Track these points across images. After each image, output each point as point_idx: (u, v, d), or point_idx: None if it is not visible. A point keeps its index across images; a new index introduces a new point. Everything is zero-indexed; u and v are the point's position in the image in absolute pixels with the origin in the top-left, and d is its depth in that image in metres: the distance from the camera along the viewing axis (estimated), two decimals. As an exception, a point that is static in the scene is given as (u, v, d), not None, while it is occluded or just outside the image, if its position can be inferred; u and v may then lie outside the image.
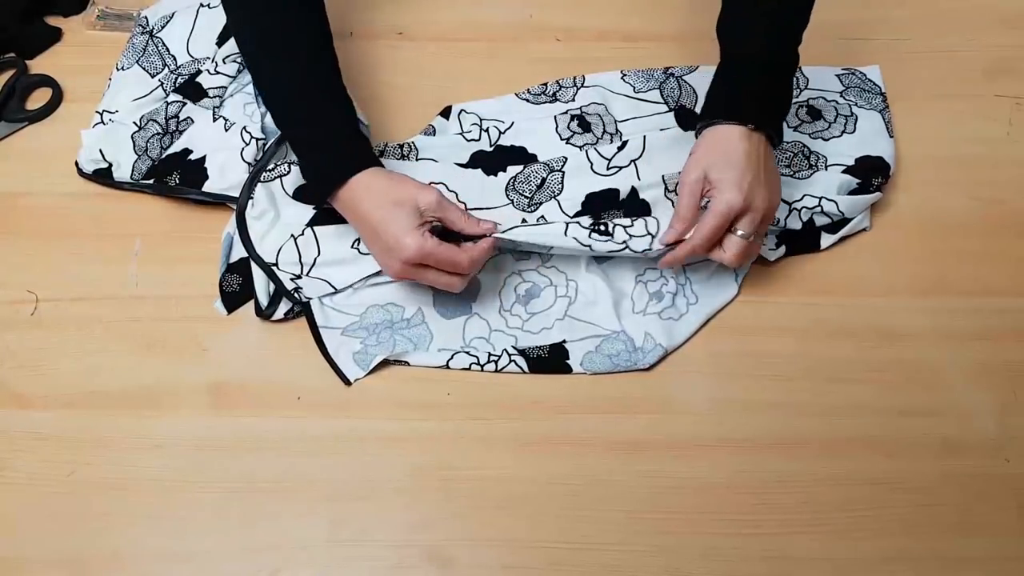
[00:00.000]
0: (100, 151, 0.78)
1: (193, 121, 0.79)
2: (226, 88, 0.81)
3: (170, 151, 0.78)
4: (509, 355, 0.68)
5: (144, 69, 0.83)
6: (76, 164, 0.79)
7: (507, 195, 0.75)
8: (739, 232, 0.64)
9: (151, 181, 0.77)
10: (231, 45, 0.82)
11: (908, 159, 0.79)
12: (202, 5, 0.85)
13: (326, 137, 0.67)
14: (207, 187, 0.75)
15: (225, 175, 0.75)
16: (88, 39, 0.89)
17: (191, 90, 0.80)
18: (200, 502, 0.63)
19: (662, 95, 0.82)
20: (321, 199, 0.69)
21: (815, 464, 0.64)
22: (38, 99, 0.85)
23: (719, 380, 0.68)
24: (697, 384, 0.68)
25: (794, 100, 0.80)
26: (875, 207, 0.76)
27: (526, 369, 0.68)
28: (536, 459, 0.65)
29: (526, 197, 0.74)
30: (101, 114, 0.81)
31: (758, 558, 0.61)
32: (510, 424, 0.66)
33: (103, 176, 0.78)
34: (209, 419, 0.66)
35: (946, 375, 0.68)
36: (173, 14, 0.86)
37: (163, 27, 0.85)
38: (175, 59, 0.83)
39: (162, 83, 0.82)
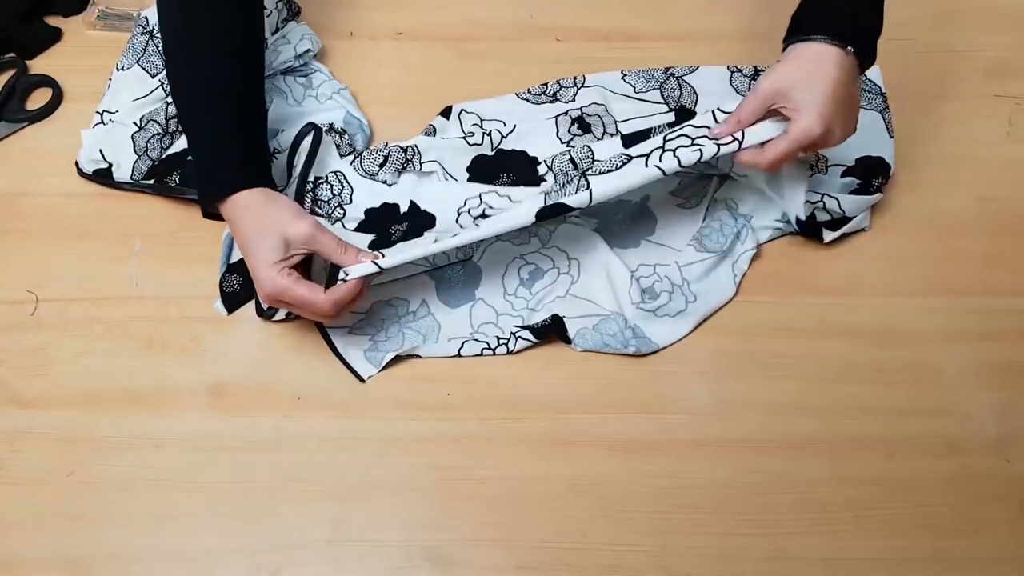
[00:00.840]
0: (100, 151, 0.78)
1: (193, 121, 0.79)
2: (226, 88, 0.81)
3: (170, 151, 0.78)
4: (515, 335, 0.69)
5: (144, 69, 0.83)
6: (76, 164, 0.79)
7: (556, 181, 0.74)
8: (800, 155, 0.62)
9: (151, 181, 0.77)
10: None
11: (908, 159, 0.79)
12: (202, 5, 0.85)
13: (217, 146, 0.66)
14: (207, 187, 0.75)
15: (225, 175, 0.75)
16: (88, 39, 0.89)
17: (191, 90, 0.80)
18: (200, 502, 0.63)
19: (662, 95, 0.82)
20: (204, 208, 0.66)
21: (816, 464, 0.64)
22: (38, 99, 0.85)
23: (720, 380, 0.68)
24: (698, 384, 0.68)
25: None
26: (875, 207, 0.76)
27: (534, 339, 0.69)
28: (536, 459, 0.64)
29: (573, 173, 0.73)
30: (101, 114, 0.81)
31: (758, 558, 0.61)
32: (510, 424, 0.66)
33: (103, 176, 0.78)
34: (209, 419, 0.66)
35: (946, 375, 0.68)
36: (173, 14, 0.86)
37: (163, 27, 0.85)
38: (175, 59, 0.83)
39: (162, 83, 0.82)
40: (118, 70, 0.84)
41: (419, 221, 0.74)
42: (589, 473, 0.64)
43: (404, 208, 0.74)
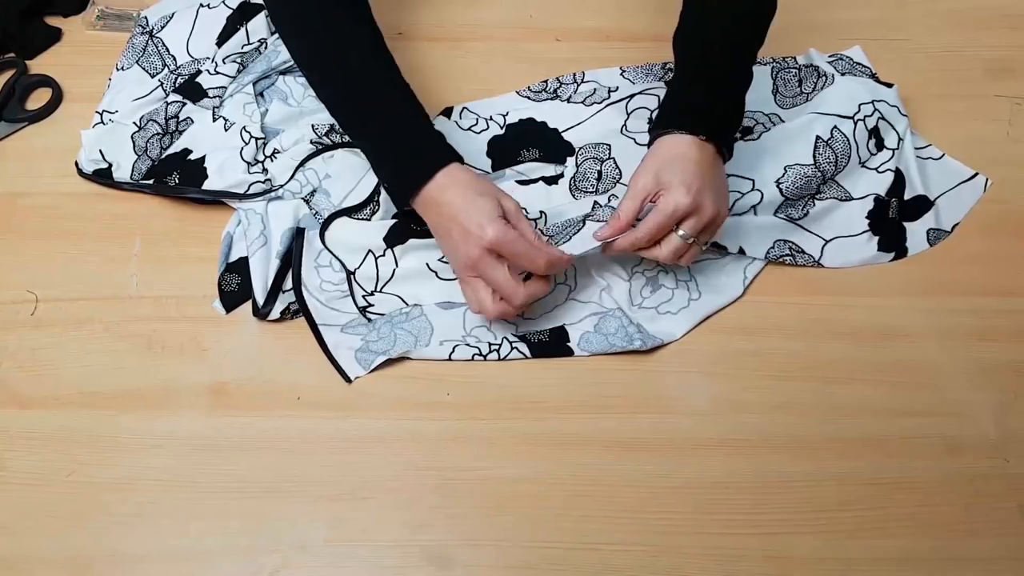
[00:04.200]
0: (100, 151, 0.78)
1: (193, 121, 0.79)
2: (226, 88, 0.81)
3: (170, 151, 0.78)
4: (510, 343, 0.69)
5: (144, 69, 0.84)
6: (76, 164, 0.79)
7: (573, 195, 0.75)
8: (680, 232, 0.64)
9: (151, 181, 0.77)
10: (231, 45, 0.82)
11: (908, 159, 0.79)
12: (202, 5, 0.85)
13: (404, 139, 0.67)
14: (206, 186, 0.75)
15: (224, 175, 0.75)
16: (88, 39, 0.89)
17: (191, 90, 0.80)
18: (200, 502, 0.63)
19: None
20: (406, 199, 0.67)
21: (815, 464, 0.64)
22: (38, 99, 0.85)
23: (719, 380, 0.68)
24: (697, 384, 0.68)
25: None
26: (875, 207, 0.76)
27: (528, 354, 0.68)
28: (536, 459, 0.64)
29: (590, 193, 0.75)
30: (101, 114, 0.81)
31: (758, 558, 0.61)
32: (510, 424, 0.66)
33: (103, 176, 0.78)
34: (209, 419, 0.66)
35: (946, 375, 0.68)
36: (173, 14, 0.86)
37: (163, 27, 0.85)
38: (175, 59, 0.83)
39: (162, 83, 0.82)
40: (118, 70, 0.84)
41: None
42: (588, 473, 0.64)
43: None
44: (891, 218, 0.75)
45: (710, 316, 0.71)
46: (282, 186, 0.75)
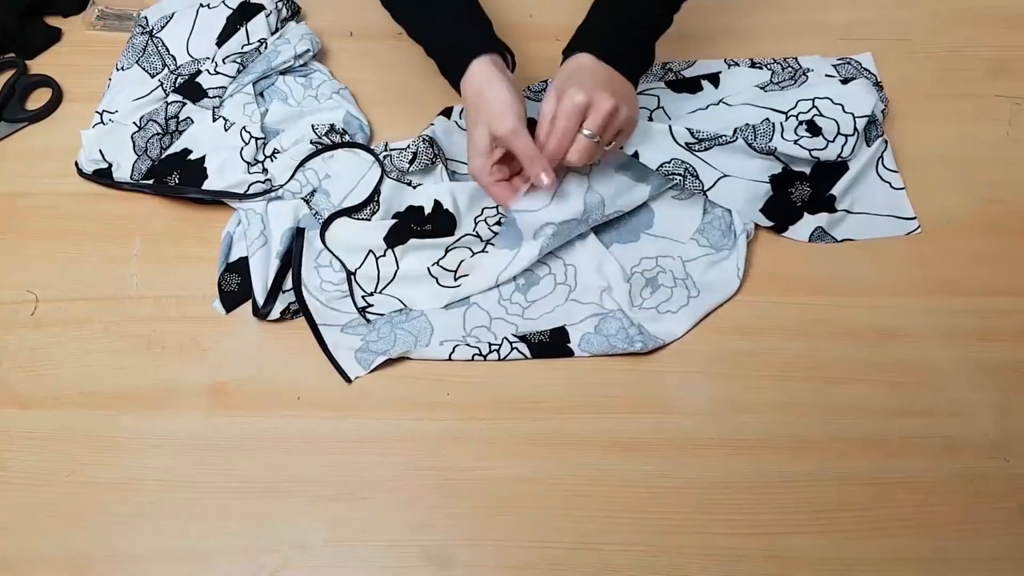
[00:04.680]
0: (100, 151, 0.78)
1: (193, 121, 0.79)
2: (226, 88, 0.81)
3: (170, 151, 0.78)
4: (510, 343, 0.69)
5: (144, 69, 0.84)
6: (76, 164, 0.79)
7: None
8: (584, 132, 0.63)
9: (151, 181, 0.77)
10: (231, 45, 0.82)
11: (908, 159, 0.79)
12: (202, 5, 0.85)
13: (456, 28, 0.70)
14: (206, 186, 0.75)
15: (224, 175, 0.75)
16: (88, 39, 0.89)
17: (191, 90, 0.80)
18: (200, 502, 0.63)
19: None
20: (461, 72, 0.68)
21: (815, 464, 0.64)
22: (38, 99, 0.85)
23: (719, 380, 0.68)
24: (697, 384, 0.68)
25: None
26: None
27: (528, 355, 0.68)
28: (536, 459, 0.64)
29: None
30: (101, 114, 0.81)
31: (758, 558, 0.61)
32: (510, 424, 0.66)
33: (103, 176, 0.78)
34: (209, 419, 0.66)
35: (946, 375, 0.68)
36: (173, 14, 0.86)
37: (163, 27, 0.85)
38: (175, 59, 0.83)
39: (162, 83, 0.82)
40: (118, 70, 0.84)
41: (441, 222, 0.73)
42: (588, 473, 0.64)
43: (428, 209, 0.74)
44: (791, 200, 0.75)
45: (710, 313, 0.71)
46: (282, 186, 0.75)
